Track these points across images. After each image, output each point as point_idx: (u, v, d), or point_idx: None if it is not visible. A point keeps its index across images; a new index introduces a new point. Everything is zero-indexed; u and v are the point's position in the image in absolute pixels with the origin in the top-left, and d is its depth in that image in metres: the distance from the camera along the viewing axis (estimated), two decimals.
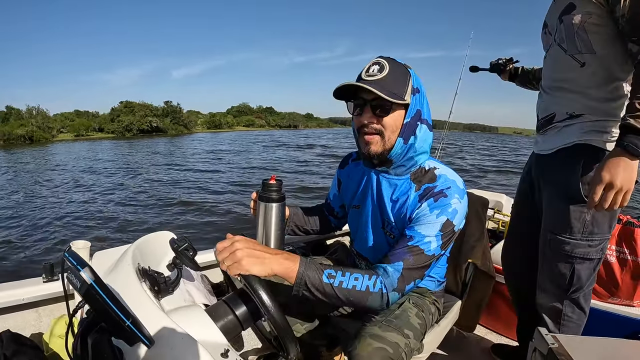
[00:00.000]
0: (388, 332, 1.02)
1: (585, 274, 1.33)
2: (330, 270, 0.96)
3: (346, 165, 1.39)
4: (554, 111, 1.34)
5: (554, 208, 1.34)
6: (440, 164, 1.15)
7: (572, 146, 1.27)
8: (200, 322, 0.78)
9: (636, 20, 1.08)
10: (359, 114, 1.06)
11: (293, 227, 1.40)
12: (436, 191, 1.07)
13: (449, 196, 1.06)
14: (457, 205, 1.06)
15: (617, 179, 1.06)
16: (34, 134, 37.22)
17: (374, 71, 1.02)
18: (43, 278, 1.48)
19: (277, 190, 1.05)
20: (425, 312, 1.22)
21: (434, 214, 1.05)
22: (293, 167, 18.25)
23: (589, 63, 1.23)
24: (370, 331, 1.02)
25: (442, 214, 1.05)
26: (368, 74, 1.03)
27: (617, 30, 1.15)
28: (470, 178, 15.20)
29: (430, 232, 1.04)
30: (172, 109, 59.79)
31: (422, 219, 1.06)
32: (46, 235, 7.02)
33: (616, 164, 1.07)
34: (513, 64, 1.84)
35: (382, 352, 0.97)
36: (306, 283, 0.93)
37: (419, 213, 1.07)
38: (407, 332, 1.07)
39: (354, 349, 0.98)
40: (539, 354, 0.96)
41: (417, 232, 1.05)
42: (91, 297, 0.54)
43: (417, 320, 1.15)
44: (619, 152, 1.07)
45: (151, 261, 0.95)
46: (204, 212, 8.72)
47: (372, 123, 1.05)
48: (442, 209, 1.05)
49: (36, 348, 1.36)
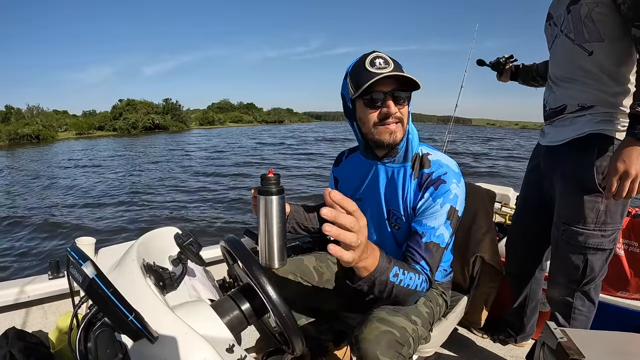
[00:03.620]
0: (396, 317, 1.04)
1: (598, 265, 1.33)
2: (396, 268, 0.95)
3: (341, 162, 1.41)
4: (565, 102, 1.35)
5: (567, 199, 1.35)
6: (432, 149, 1.19)
7: (585, 136, 1.28)
8: (206, 318, 0.77)
9: (638, 4, 1.09)
10: (378, 107, 1.08)
11: (294, 224, 1.38)
12: (434, 178, 1.11)
13: (447, 182, 1.10)
14: (456, 190, 1.10)
15: (631, 167, 1.08)
16: (41, 133, 37.47)
17: (381, 64, 1.04)
18: (49, 275, 1.49)
19: (276, 183, 1.05)
20: (432, 303, 1.23)
21: (437, 204, 1.09)
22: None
23: (596, 51, 1.24)
24: (377, 315, 1.03)
25: (445, 202, 1.09)
26: (378, 68, 1.04)
27: (622, 17, 1.16)
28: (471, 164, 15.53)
29: (439, 223, 1.07)
30: (172, 106, 60.45)
31: (428, 211, 1.09)
32: (52, 232, 7.06)
33: (629, 153, 1.09)
34: (512, 63, 1.82)
35: (389, 335, 0.98)
36: (375, 281, 0.92)
37: (424, 205, 1.10)
38: (414, 319, 1.08)
39: (360, 333, 0.99)
40: (547, 349, 0.95)
41: (426, 225, 1.07)
42: (93, 292, 0.53)
43: (424, 309, 1.16)
44: (631, 141, 1.09)
45: (156, 257, 0.95)
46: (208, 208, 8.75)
47: (396, 113, 1.08)
48: (444, 197, 1.09)
49: (42, 345, 1.37)
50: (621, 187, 1.11)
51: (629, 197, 1.14)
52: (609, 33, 1.20)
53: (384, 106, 1.07)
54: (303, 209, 1.43)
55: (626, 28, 1.16)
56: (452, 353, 1.82)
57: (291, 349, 0.88)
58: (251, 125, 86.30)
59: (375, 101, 1.07)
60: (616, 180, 1.12)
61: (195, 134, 46.45)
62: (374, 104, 1.08)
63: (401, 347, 0.98)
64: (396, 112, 1.07)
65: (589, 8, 1.21)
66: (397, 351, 0.97)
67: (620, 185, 1.11)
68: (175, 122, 57.91)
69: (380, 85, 1.05)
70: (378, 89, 1.05)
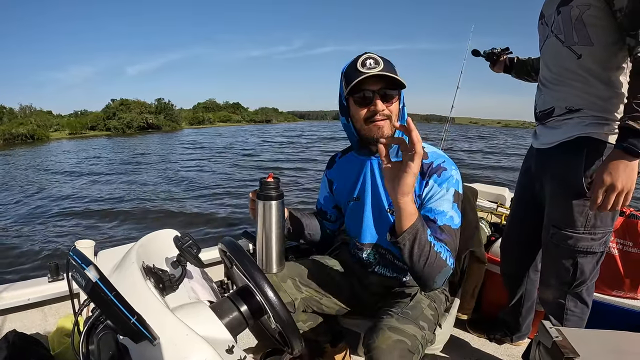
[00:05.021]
0: (406, 324, 1.04)
1: (588, 268, 1.33)
2: (429, 230, 1.03)
3: (334, 164, 1.44)
4: (553, 105, 1.35)
5: (556, 202, 1.35)
6: (426, 144, 1.23)
7: (574, 140, 1.27)
8: (206, 319, 0.78)
9: (635, 14, 1.08)
10: (367, 105, 1.15)
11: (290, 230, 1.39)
12: (435, 166, 1.18)
13: (448, 169, 1.18)
14: (456, 175, 1.19)
15: (618, 180, 1.08)
16: (36, 133, 37.32)
17: (372, 64, 1.12)
18: (48, 278, 1.49)
19: (275, 188, 1.06)
20: (437, 302, 1.25)
21: (444, 189, 1.15)
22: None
23: (585, 55, 1.23)
24: (388, 323, 1.04)
25: (450, 186, 1.16)
26: (368, 68, 1.11)
27: (615, 23, 1.14)
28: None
29: (448, 207, 1.14)
30: (165, 106, 60.40)
31: (435, 196, 1.14)
32: (50, 235, 7.03)
33: (616, 166, 1.08)
34: (507, 55, 1.83)
35: (402, 344, 0.99)
36: (417, 234, 0.98)
37: (430, 191, 1.16)
38: (422, 324, 1.10)
39: (373, 342, 1.00)
40: (543, 347, 0.96)
41: (436, 210, 1.13)
42: (96, 295, 0.54)
43: (430, 312, 1.18)
44: (619, 154, 1.08)
45: (155, 259, 0.95)
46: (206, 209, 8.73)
47: (383, 110, 1.14)
48: (448, 182, 1.16)
49: (42, 347, 1.37)
50: (607, 199, 1.11)
51: (613, 210, 1.14)
52: (600, 38, 1.19)
53: (372, 104, 1.14)
54: (298, 214, 1.42)
55: (617, 34, 1.15)
56: (449, 352, 1.82)
57: (290, 349, 0.88)
58: (240, 124, 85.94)
59: (364, 99, 1.15)
60: (602, 193, 1.11)
61: (187, 134, 46.35)
62: (363, 102, 1.16)
63: (412, 355, 1.00)
64: (383, 110, 1.14)
65: (580, 10, 1.19)
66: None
67: (606, 198, 1.11)
68: (168, 121, 57.95)
69: (369, 84, 1.12)
70: (366, 87, 1.13)
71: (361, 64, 1.12)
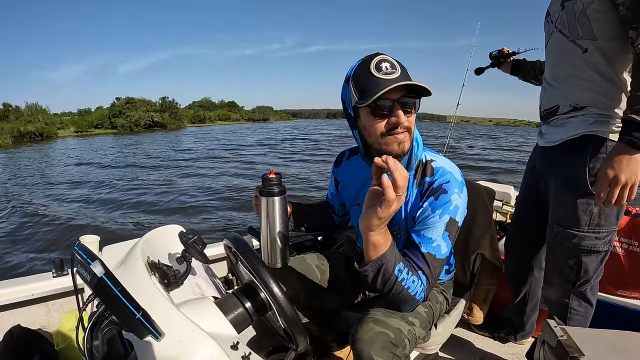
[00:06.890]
0: (391, 318, 1.04)
1: (592, 267, 1.33)
2: (401, 265, 0.97)
3: (341, 163, 1.38)
4: (557, 103, 1.34)
5: (561, 201, 1.34)
6: (436, 155, 1.15)
7: (578, 138, 1.27)
8: (211, 315, 0.79)
9: (637, 7, 1.07)
10: (387, 116, 1.00)
11: (296, 222, 1.39)
12: (435, 187, 1.06)
13: (448, 192, 1.05)
14: (457, 200, 1.06)
15: (621, 174, 1.07)
16: (44, 130, 37.68)
17: (388, 68, 0.97)
18: (53, 273, 1.50)
19: (278, 184, 1.06)
20: (432, 301, 1.23)
21: (437, 214, 1.05)
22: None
23: (590, 49, 1.22)
24: (373, 316, 1.03)
25: (444, 213, 1.04)
26: (385, 73, 0.97)
27: (618, 17, 1.14)
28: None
29: (437, 234, 1.04)
30: (169, 105, 61.01)
31: (426, 221, 1.05)
32: (54, 230, 7.06)
33: (620, 159, 1.07)
34: (514, 56, 1.81)
35: (384, 336, 0.98)
36: (381, 268, 0.94)
37: (422, 214, 1.06)
38: (411, 320, 1.08)
39: (355, 334, 0.99)
40: (547, 346, 0.96)
41: (424, 236, 1.05)
42: (101, 291, 0.54)
43: (422, 309, 1.16)
44: (622, 148, 1.07)
45: (160, 254, 0.96)
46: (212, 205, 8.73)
47: (405, 122, 1.00)
48: (444, 208, 1.04)
49: (47, 343, 1.38)
50: (611, 194, 1.10)
51: (618, 204, 1.12)
52: (603, 32, 1.18)
53: (392, 115, 0.99)
54: (305, 207, 1.43)
55: (621, 28, 1.14)
56: (452, 350, 1.82)
57: (295, 345, 0.89)
58: (238, 123, 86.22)
59: (382, 109, 0.98)
60: (605, 187, 1.10)
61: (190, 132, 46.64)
62: (381, 113, 0.99)
63: (395, 348, 0.99)
64: (405, 122, 1.00)
65: (584, 5, 1.18)
66: (392, 352, 0.98)
67: (610, 192, 1.10)
68: (172, 120, 58.61)
69: (387, 93, 0.95)
70: (385, 96, 0.96)
71: (375, 68, 0.97)
